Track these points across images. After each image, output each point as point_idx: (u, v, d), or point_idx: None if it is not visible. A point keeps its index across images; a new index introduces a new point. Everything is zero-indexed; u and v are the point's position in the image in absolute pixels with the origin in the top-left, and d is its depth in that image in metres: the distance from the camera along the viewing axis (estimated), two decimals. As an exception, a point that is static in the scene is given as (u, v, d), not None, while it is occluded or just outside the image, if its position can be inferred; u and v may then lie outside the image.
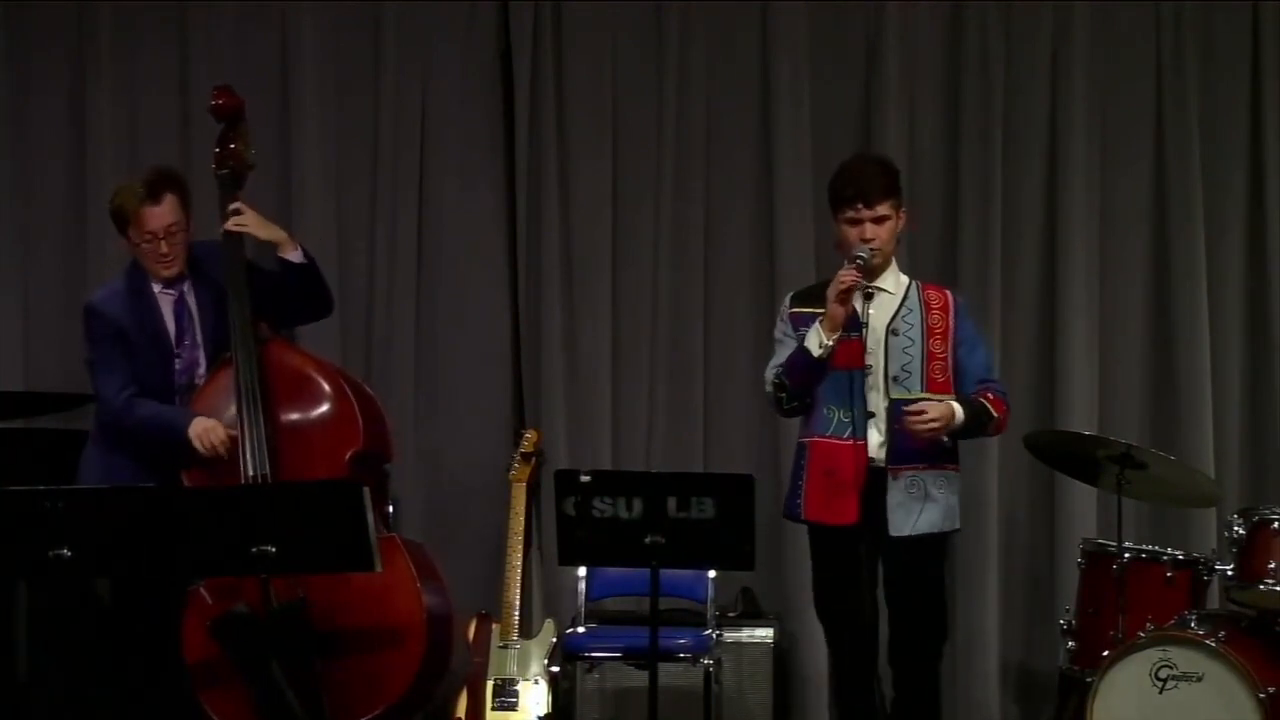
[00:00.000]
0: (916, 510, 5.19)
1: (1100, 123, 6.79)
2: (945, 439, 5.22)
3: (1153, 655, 5.52)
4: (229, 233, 5.72)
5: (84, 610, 6.02)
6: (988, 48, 6.80)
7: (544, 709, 6.05)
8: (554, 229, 6.84)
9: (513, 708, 6.03)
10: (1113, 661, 5.56)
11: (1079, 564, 5.99)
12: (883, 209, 5.22)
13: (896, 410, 5.17)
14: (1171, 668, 5.50)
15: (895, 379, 5.19)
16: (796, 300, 5.37)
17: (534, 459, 6.36)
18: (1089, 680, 5.64)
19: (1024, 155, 6.81)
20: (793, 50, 6.82)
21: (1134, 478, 5.76)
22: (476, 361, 6.90)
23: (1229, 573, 5.71)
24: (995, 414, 5.26)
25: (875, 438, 5.18)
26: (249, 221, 5.73)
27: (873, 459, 5.16)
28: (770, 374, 5.30)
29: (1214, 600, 6.02)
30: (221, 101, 5.84)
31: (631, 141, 6.90)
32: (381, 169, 6.89)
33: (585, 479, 5.10)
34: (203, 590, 5.48)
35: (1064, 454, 5.98)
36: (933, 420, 5.12)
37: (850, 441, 5.16)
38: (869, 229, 5.20)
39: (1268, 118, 6.75)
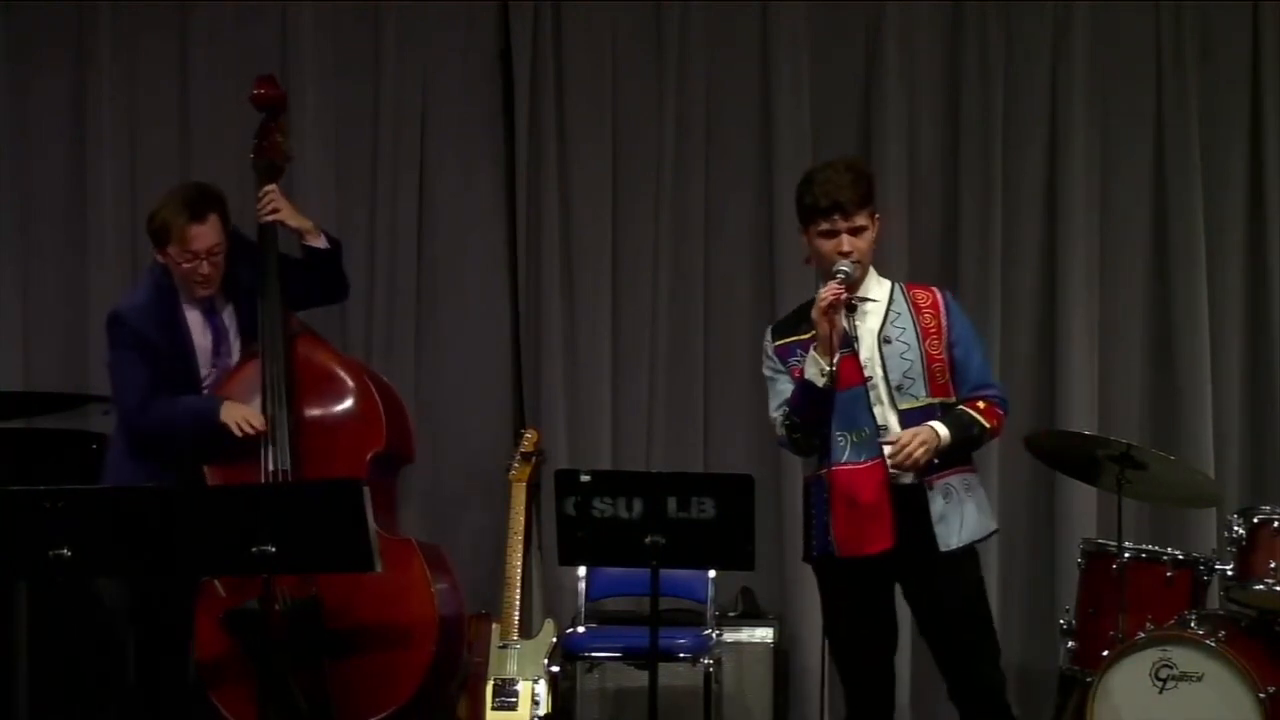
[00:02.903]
0: (957, 519, 4.83)
1: (1100, 121, 6.80)
2: (935, 460, 4.80)
3: (1153, 655, 5.52)
4: (264, 225, 5.71)
5: (84, 610, 6.02)
6: (988, 45, 6.81)
7: (544, 709, 6.05)
8: (553, 228, 6.85)
9: (512, 708, 6.03)
10: (1113, 661, 5.56)
11: (1079, 564, 5.98)
12: (860, 219, 4.85)
13: (908, 420, 4.81)
14: (1171, 668, 5.50)
15: (899, 388, 4.84)
16: (777, 333, 5.02)
17: (534, 458, 6.36)
18: (1089, 680, 5.64)
19: (1024, 154, 6.81)
20: (793, 49, 6.82)
21: (1134, 478, 5.75)
22: (477, 361, 6.90)
23: (1229, 573, 5.71)
24: (987, 424, 4.88)
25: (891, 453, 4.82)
26: (282, 208, 5.73)
27: (894, 474, 4.80)
28: (778, 415, 4.93)
29: (1214, 600, 6.01)
30: (263, 91, 5.81)
31: (631, 141, 6.90)
32: (381, 168, 6.89)
33: (585, 479, 5.05)
34: (216, 583, 5.48)
35: (1064, 454, 5.97)
36: (914, 450, 4.75)
37: (866, 464, 4.81)
38: (847, 241, 4.82)
39: (1268, 116, 6.75)
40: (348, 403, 5.69)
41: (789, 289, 6.78)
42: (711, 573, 6.25)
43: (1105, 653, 5.63)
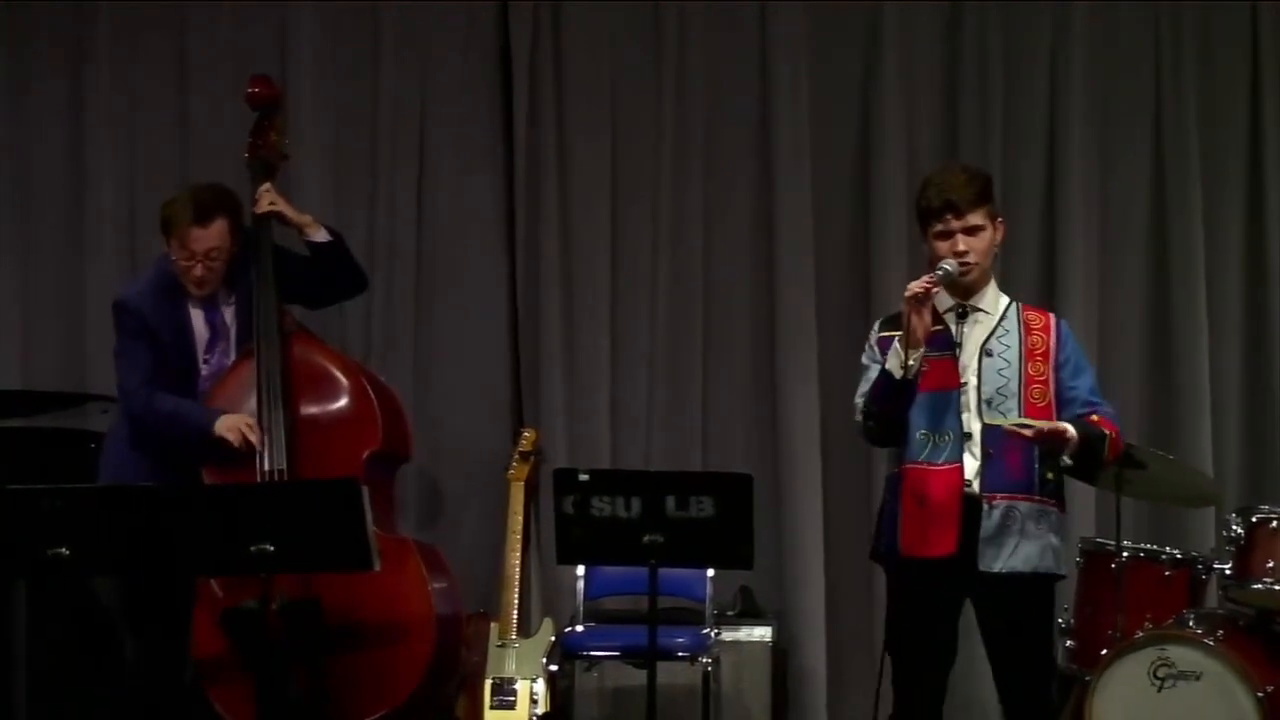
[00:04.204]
0: (1010, 545, 4.73)
1: (1099, 121, 6.80)
2: (1068, 459, 4.77)
3: (1151, 654, 5.52)
4: (258, 218, 5.69)
5: (82, 609, 6.02)
6: (987, 45, 6.81)
7: (542, 708, 6.05)
8: (552, 228, 6.84)
9: (511, 706, 6.03)
10: (1111, 660, 5.56)
11: (1077, 563, 5.98)
12: (975, 218, 4.76)
13: (990, 436, 4.72)
14: (1170, 666, 5.50)
15: (989, 402, 4.74)
16: (884, 325, 4.89)
17: (532, 458, 6.36)
18: (1087, 679, 5.64)
19: (1023, 154, 6.82)
20: (791, 49, 6.82)
21: (1133, 477, 5.74)
22: (475, 361, 6.90)
23: (1227, 572, 5.71)
24: (1106, 431, 4.79)
25: (971, 463, 4.74)
26: (280, 200, 5.72)
27: (968, 482, 4.73)
28: (859, 402, 4.83)
29: (1212, 599, 6.01)
30: (258, 90, 5.81)
31: (630, 141, 6.90)
32: (380, 168, 6.89)
33: (584, 478, 5.07)
34: (213, 582, 5.47)
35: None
36: (1050, 429, 4.67)
37: (944, 466, 4.73)
38: (961, 241, 4.74)
39: (1267, 116, 6.77)
40: (343, 402, 5.68)
41: (788, 291, 6.78)
42: (710, 572, 6.24)
43: (1104, 652, 5.62)
